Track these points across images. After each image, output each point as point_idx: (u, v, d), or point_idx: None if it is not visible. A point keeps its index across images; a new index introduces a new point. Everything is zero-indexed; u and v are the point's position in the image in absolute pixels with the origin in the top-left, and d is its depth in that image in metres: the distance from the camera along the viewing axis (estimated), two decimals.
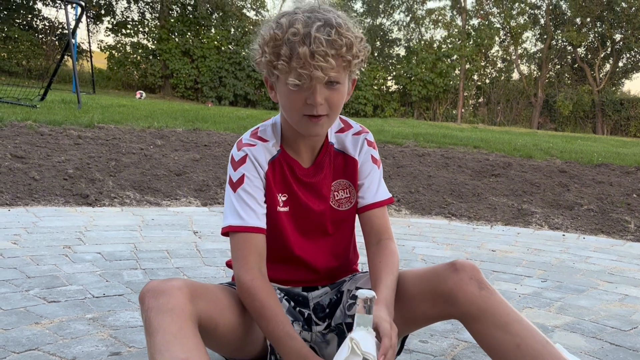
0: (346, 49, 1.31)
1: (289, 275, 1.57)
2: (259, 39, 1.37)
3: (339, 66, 1.32)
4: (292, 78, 1.31)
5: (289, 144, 1.50)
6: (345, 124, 1.57)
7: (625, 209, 4.84)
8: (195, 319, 1.23)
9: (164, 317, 1.18)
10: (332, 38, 1.28)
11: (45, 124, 6.25)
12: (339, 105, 1.38)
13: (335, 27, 1.30)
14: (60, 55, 10.54)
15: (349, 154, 1.55)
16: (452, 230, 3.88)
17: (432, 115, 24.21)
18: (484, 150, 8.07)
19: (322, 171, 1.53)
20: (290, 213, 1.50)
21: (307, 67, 1.28)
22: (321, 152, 1.52)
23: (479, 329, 1.35)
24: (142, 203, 3.92)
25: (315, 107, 1.33)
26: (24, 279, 2.26)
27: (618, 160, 7.94)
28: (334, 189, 1.54)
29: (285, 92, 1.36)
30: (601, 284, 2.79)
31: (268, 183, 1.48)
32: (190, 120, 8.61)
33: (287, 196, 1.50)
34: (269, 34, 1.33)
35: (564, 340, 2.02)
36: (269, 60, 1.34)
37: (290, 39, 1.29)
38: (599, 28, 25.40)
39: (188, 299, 1.23)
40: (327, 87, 1.34)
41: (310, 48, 1.27)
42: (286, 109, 1.40)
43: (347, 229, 1.58)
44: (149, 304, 1.20)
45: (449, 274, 1.37)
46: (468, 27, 25.24)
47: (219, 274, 2.57)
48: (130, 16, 24.09)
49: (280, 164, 1.49)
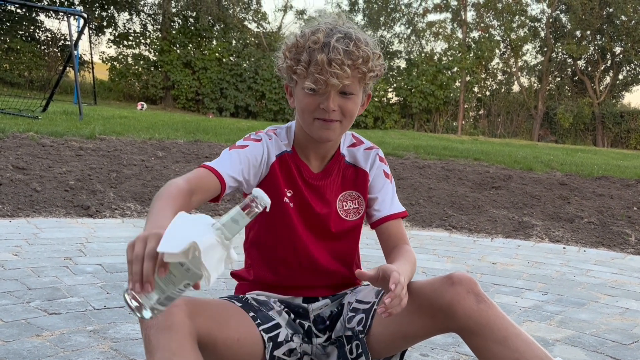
0: (362, 61, 1.39)
1: (291, 278, 1.56)
2: (283, 46, 1.46)
3: (354, 77, 1.40)
4: (308, 82, 1.39)
5: (300, 148, 1.55)
6: (357, 140, 1.63)
7: (626, 221, 4.84)
8: (194, 335, 1.24)
9: (163, 335, 1.18)
10: (350, 49, 1.36)
11: (46, 135, 6.27)
12: (351, 114, 1.45)
13: (354, 40, 1.38)
14: (63, 67, 10.59)
15: (360, 166, 1.60)
16: (453, 242, 3.88)
17: (433, 127, 24.25)
18: (484, 163, 8.08)
19: (329, 177, 1.56)
20: (295, 208, 1.53)
21: (324, 73, 1.36)
22: (331, 160, 1.57)
23: (478, 343, 1.35)
24: (143, 215, 3.93)
25: (328, 112, 1.40)
26: (24, 291, 2.26)
27: (618, 172, 7.95)
28: (343, 199, 1.57)
29: (301, 96, 1.43)
30: (602, 297, 2.78)
31: (274, 174, 1.51)
32: (191, 131, 8.63)
33: (292, 192, 1.53)
34: (292, 41, 1.42)
35: (565, 354, 2.01)
36: (289, 66, 1.42)
37: (311, 47, 1.38)
38: (599, 41, 25.50)
39: (187, 315, 1.24)
40: (341, 95, 1.41)
41: (328, 56, 1.35)
42: (301, 113, 1.46)
43: (352, 238, 1.61)
44: (148, 322, 1.21)
45: (446, 287, 1.37)
46: (468, 40, 25.35)
47: (220, 285, 2.57)
48: (132, 28, 24.28)
49: (289, 162, 1.53)
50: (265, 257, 1.58)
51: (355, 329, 1.50)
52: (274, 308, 1.53)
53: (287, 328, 1.51)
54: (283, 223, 1.53)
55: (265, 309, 1.50)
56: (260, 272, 1.59)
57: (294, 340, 1.51)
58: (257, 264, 1.59)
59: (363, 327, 1.48)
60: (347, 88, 1.40)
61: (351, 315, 1.53)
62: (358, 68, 1.39)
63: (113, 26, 23.78)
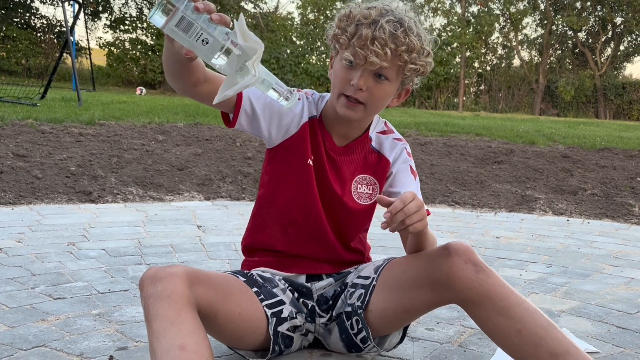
0: (406, 49, 1.36)
1: (299, 243, 1.55)
2: (337, 15, 1.45)
3: (394, 63, 1.38)
4: (347, 53, 1.39)
5: (327, 119, 1.54)
6: (389, 129, 1.63)
7: (629, 192, 4.83)
8: (193, 305, 1.23)
9: (161, 304, 1.18)
10: (397, 34, 1.35)
11: (46, 122, 6.25)
12: (379, 99, 1.43)
13: (405, 27, 1.37)
14: (59, 53, 10.53)
15: (384, 154, 1.58)
16: (456, 218, 3.88)
17: (434, 104, 24.15)
18: (486, 138, 8.04)
19: (351, 155, 1.55)
20: (315, 175, 1.52)
21: (365, 49, 1.35)
22: (357, 139, 1.56)
23: (479, 314, 1.34)
24: (145, 199, 3.92)
25: (355, 89, 1.39)
26: (29, 277, 2.26)
27: (621, 144, 7.91)
28: (359, 181, 1.56)
29: (337, 67, 1.44)
30: (606, 267, 2.78)
31: (303, 135, 1.51)
32: (191, 114, 8.60)
33: (313, 159, 1.52)
34: (345, 11, 1.42)
35: (571, 324, 2.01)
36: (335, 34, 1.43)
37: (360, 20, 1.38)
38: (600, 12, 25.26)
39: (186, 285, 1.23)
40: (374, 78, 1.39)
41: (374, 33, 1.34)
42: (333, 84, 1.46)
43: (361, 220, 1.60)
44: (147, 291, 1.21)
45: (443, 259, 1.35)
46: (467, 15, 25.13)
47: (224, 267, 2.57)
48: (128, 12, 24.06)
49: (316, 127, 1.53)
50: (277, 216, 1.56)
51: (354, 304, 1.49)
52: (278, 285, 1.52)
53: (290, 305, 1.51)
54: (301, 183, 1.52)
55: (270, 286, 1.50)
56: (271, 230, 1.56)
57: (297, 318, 1.51)
58: (269, 223, 1.57)
59: (362, 303, 1.48)
60: (383, 71, 1.38)
61: (351, 291, 1.53)
62: (400, 55, 1.37)
63: (109, 11, 23.59)
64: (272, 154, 1.54)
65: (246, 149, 5.69)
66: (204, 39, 1.05)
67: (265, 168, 1.58)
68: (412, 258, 1.46)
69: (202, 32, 1.05)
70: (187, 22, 1.04)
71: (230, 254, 2.77)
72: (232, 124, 1.45)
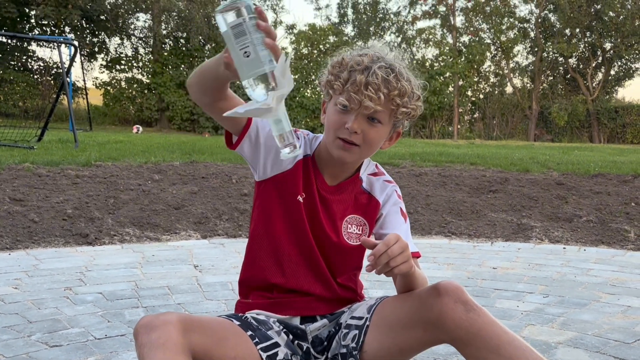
0: (398, 94, 1.43)
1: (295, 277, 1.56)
2: (329, 62, 1.51)
3: (386, 107, 1.44)
4: (342, 98, 1.44)
5: (319, 159, 1.57)
6: (379, 171, 1.67)
7: (624, 218, 4.84)
8: (188, 352, 1.24)
9: (156, 353, 1.19)
10: (389, 79, 1.42)
11: (42, 165, 6.28)
12: (373, 142, 1.48)
13: (396, 73, 1.44)
14: (56, 95, 10.63)
15: (375, 195, 1.61)
16: (453, 249, 3.88)
17: (429, 133, 24.29)
18: (480, 167, 8.09)
19: (342, 194, 1.58)
20: (306, 211, 1.55)
21: (359, 94, 1.41)
22: (348, 179, 1.59)
23: (472, 353, 1.35)
24: (142, 239, 3.93)
25: (350, 132, 1.44)
26: (25, 324, 2.26)
27: (615, 169, 7.96)
28: (349, 222, 1.59)
29: (331, 112, 1.49)
30: (603, 296, 2.78)
31: (296, 171, 1.54)
32: (187, 152, 8.65)
33: (304, 196, 1.55)
34: (338, 59, 1.48)
35: (568, 356, 2.01)
36: (329, 80, 1.48)
37: (353, 67, 1.43)
38: (589, 38, 25.62)
39: (180, 332, 1.24)
40: (368, 121, 1.45)
41: (367, 78, 1.40)
42: (327, 128, 1.51)
43: (351, 260, 1.61)
44: (142, 339, 1.22)
45: (434, 299, 1.37)
46: (459, 44, 25.46)
47: (221, 307, 2.57)
48: (124, 52, 24.34)
49: (309, 165, 1.56)
50: (270, 250, 1.57)
51: (349, 345, 1.50)
52: (273, 328, 1.53)
53: (286, 348, 1.51)
54: (292, 219, 1.55)
55: (265, 328, 1.51)
56: (265, 263, 1.58)
57: None
58: (262, 256, 1.58)
59: (356, 344, 1.49)
60: (376, 114, 1.44)
61: (345, 332, 1.54)
62: (392, 99, 1.43)
63: (105, 51, 23.88)
64: (262, 188, 1.58)
65: (242, 186, 5.71)
66: (248, 52, 1.10)
67: (255, 202, 1.61)
68: (403, 298, 1.48)
69: (249, 45, 1.10)
70: (242, 29, 1.10)
71: (226, 293, 2.77)
72: (234, 146, 1.50)
